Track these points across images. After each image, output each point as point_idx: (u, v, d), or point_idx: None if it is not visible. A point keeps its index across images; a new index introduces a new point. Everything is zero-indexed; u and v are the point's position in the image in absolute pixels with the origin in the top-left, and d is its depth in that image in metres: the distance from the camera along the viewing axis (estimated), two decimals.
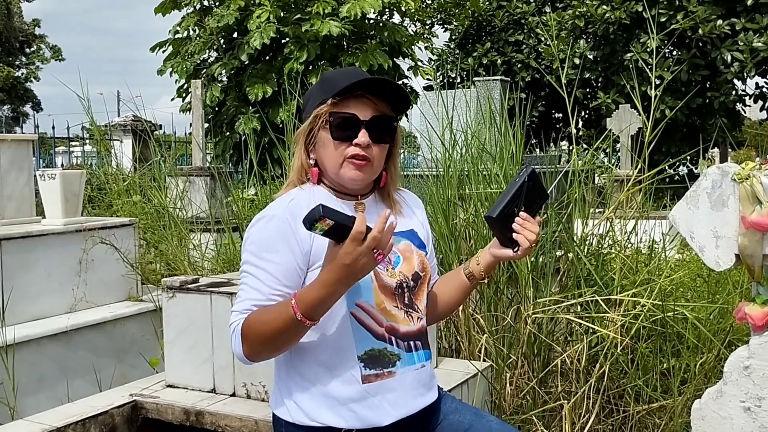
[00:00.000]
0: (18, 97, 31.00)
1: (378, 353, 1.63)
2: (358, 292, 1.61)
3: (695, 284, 3.44)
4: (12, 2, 28.88)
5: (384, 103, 1.67)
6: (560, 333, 3.19)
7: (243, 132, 10.59)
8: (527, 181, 1.72)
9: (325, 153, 1.66)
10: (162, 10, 11.71)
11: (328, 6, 10.53)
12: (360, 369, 1.62)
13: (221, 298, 2.76)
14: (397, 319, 1.66)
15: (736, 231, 1.88)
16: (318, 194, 1.68)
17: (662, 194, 4.49)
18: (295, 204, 1.64)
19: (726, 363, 1.97)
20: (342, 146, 1.63)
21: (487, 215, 1.72)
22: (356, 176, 1.65)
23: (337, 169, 1.65)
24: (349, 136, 1.63)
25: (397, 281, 1.68)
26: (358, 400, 1.62)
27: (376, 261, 1.46)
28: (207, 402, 2.69)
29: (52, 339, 3.80)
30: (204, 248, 4.67)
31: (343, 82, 1.63)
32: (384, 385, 1.64)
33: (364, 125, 1.63)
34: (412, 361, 1.68)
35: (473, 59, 15.26)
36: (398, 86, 1.68)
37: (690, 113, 12.86)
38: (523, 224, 1.71)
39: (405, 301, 1.69)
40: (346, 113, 1.63)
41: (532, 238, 1.70)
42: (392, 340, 1.65)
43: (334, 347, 1.62)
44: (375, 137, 1.64)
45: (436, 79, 12.13)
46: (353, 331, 1.62)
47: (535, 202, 1.75)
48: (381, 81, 1.65)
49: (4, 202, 4.22)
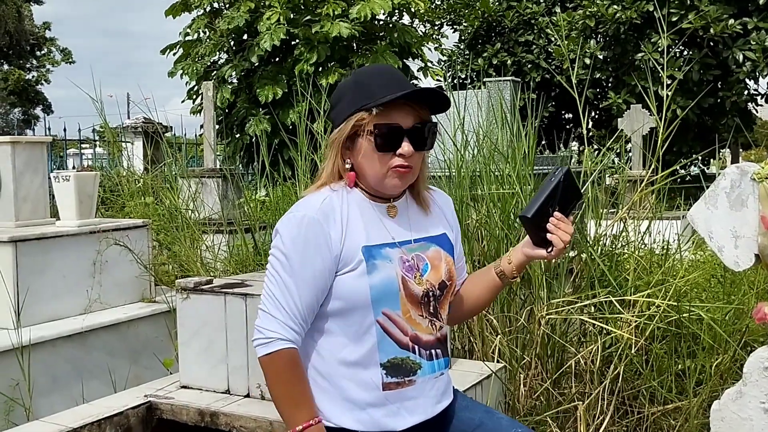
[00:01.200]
0: (29, 99, 31.19)
1: (401, 362, 1.63)
2: (385, 300, 1.61)
3: (710, 285, 3.41)
4: (23, 6, 29.06)
5: (423, 108, 1.66)
6: (574, 334, 3.18)
7: (254, 133, 10.61)
8: (563, 180, 1.69)
9: (366, 161, 1.65)
10: (172, 13, 11.76)
11: (338, 7, 10.55)
12: (381, 376, 1.62)
13: (235, 299, 2.76)
14: (421, 328, 1.66)
15: (755, 231, 1.87)
16: (353, 198, 1.68)
17: (675, 194, 4.47)
18: (328, 205, 1.63)
19: (745, 364, 1.95)
20: (387, 156, 1.63)
21: (522, 214, 1.69)
22: (399, 185, 1.66)
23: (381, 178, 1.64)
24: (393, 146, 1.62)
25: (424, 290, 1.67)
26: (377, 406, 1.62)
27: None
28: (221, 403, 2.70)
29: (67, 340, 3.82)
30: (217, 249, 4.68)
31: (382, 90, 1.61)
32: (404, 393, 1.64)
33: (406, 134, 1.62)
34: (432, 370, 1.68)
35: (483, 60, 15.24)
36: (441, 94, 1.66)
37: (702, 113, 12.80)
38: (557, 224, 1.68)
39: (430, 310, 1.68)
40: (390, 124, 1.61)
41: (566, 239, 1.67)
42: (415, 349, 1.65)
43: (358, 352, 1.62)
44: (417, 145, 1.64)
45: (446, 80, 12.12)
46: (378, 338, 1.62)
47: (569, 202, 1.71)
48: (425, 91, 1.63)
49: (19, 204, 4.24)
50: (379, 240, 1.65)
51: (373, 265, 1.61)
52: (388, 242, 1.66)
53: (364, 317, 1.60)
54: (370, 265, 1.60)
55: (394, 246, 1.66)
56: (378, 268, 1.61)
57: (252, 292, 2.73)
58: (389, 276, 1.62)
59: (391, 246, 1.66)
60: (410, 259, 1.67)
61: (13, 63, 30.48)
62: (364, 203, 1.68)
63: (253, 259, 4.36)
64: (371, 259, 1.61)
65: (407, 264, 1.65)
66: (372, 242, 1.64)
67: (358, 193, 1.69)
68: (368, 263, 1.60)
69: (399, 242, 1.67)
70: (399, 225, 1.70)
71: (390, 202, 1.72)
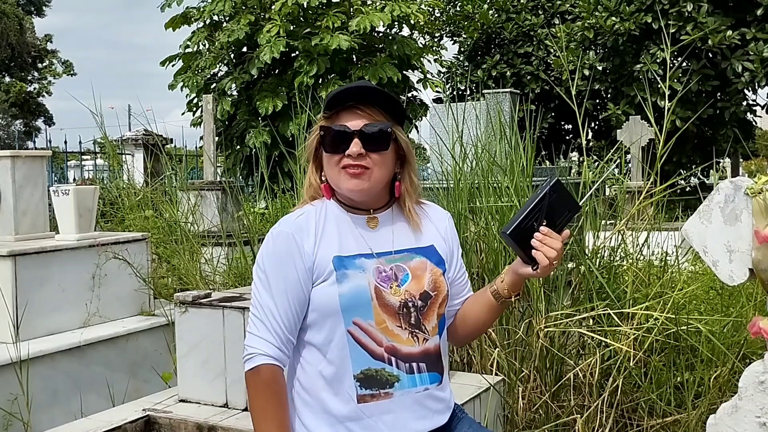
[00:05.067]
0: (30, 111, 31.28)
1: (375, 373, 1.61)
2: (355, 310, 1.61)
3: (708, 297, 3.41)
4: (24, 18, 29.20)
5: (379, 111, 1.67)
6: (572, 346, 3.18)
7: (253, 145, 10.65)
8: (549, 193, 1.62)
9: (326, 169, 1.69)
10: (172, 25, 11.82)
11: (338, 20, 10.60)
12: (356, 388, 1.60)
13: (233, 312, 2.76)
14: (400, 339, 1.63)
15: (749, 245, 1.87)
16: (329, 209, 1.70)
17: (674, 206, 4.47)
18: (303, 219, 1.67)
19: (741, 378, 1.95)
20: (336, 158, 1.65)
21: (502, 231, 1.63)
22: (354, 186, 1.65)
23: (337, 181, 1.67)
24: (342, 148, 1.64)
25: (402, 300, 1.65)
26: (354, 420, 1.61)
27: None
28: (220, 417, 2.70)
29: (66, 354, 3.81)
30: (216, 262, 4.69)
31: (335, 98, 1.65)
32: (380, 406, 1.61)
33: (356, 135, 1.63)
34: (413, 384, 1.63)
35: (482, 71, 15.28)
36: (381, 91, 1.68)
37: (701, 123, 12.81)
38: (542, 240, 1.61)
39: (411, 321, 1.65)
40: (335, 126, 1.65)
41: (552, 255, 1.60)
42: (392, 360, 1.62)
43: (335, 364, 1.62)
44: (369, 146, 1.64)
45: (445, 91, 12.16)
46: (350, 349, 1.61)
47: (561, 215, 1.63)
48: (363, 89, 1.66)
49: (19, 217, 4.25)
50: (354, 251, 1.66)
51: (343, 275, 1.62)
52: (364, 253, 1.67)
53: (336, 327, 1.61)
54: (340, 275, 1.62)
55: (370, 257, 1.66)
56: (348, 278, 1.62)
57: (250, 305, 2.73)
58: (359, 285, 1.62)
59: (368, 257, 1.66)
60: (387, 270, 1.66)
61: (14, 75, 30.61)
62: (341, 215, 1.70)
63: (251, 273, 4.36)
64: (342, 269, 1.63)
65: (383, 274, 1.65)
66: (345, 252, 1.65)
67: (334, 205, 1.72)
68: (338, 272, 1.62)
69: (377, 253, 1.68)
70: (379, 236, 1.71)
71: (370, 213, 1.72)
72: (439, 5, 15.53)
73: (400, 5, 11.03)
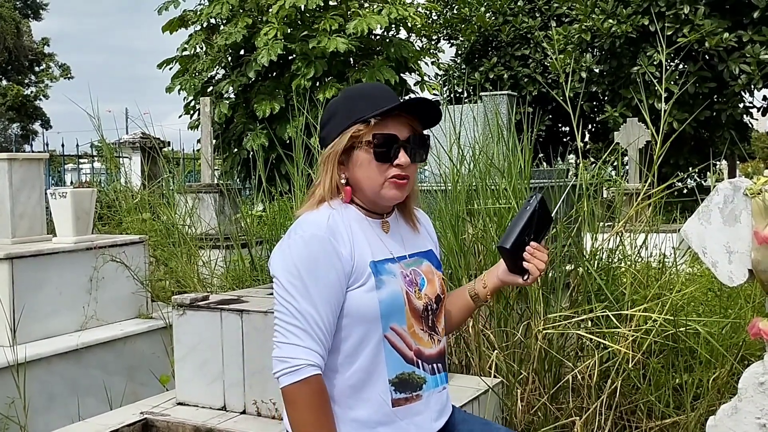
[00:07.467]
0: (27, 115, 31.26)
1: (408, 377, 1.63)
2: (393, 315, 1.61)
3: (707, 298, 3.41)
4: (21, 22, 29.18)
5: (417, 121, 1.67)
6: (571, 348, 3.17)
7: (251, 148, 10.63)
8: (538, 208, 1.74)
9: (362, 173, 1.64)
10: (170, 29, 11.80)
11: (335, 23, 10.59)
12: (391, 393, 1.61)
13: (231, 315, 2.76)
14: (423, 342, 1.67)
15: (749, 246, 1.87)
16: (351, 214, 1.68)
17: (671, 207, 4.47)
18: (333, 222, 1.63)
19: (741, 379, 1.95)
20: (384, 167, 1.63)
21: (500, 246, 1.74)
22: (396, 196, 1.66)
23: (378, 189, 1.64)
24: (390, 156, 1.62)
25: (424, 304, 1.68)
26: (387, 424, 1.61)
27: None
28: (217, 420, 2.69)
29: (63, 357, 3.80)
30: (213, 265, 4.68)
31: (376, 102, 1.62)
32: (412, 408, 1.64)
33: (402, 145, 1.63)
34: (435, 384, 1.69)
35: (480, 74, 15.30)
36: (436, 105, 1.67)
37: (698, 126, 12.83)
38: (533, 253, 1.73)
39: (429, 324, 1.69)
40: (388, 134, 1.62)
41: (542, 267, 1.73)
42: (419, 363, 1.66)
43: (366, 370, 1.60)
44: (413, 157, 1.65)
45: (442, 94, 12.16)
46: (386, 354, 1.61)
47: (542, 229, 1.77)
48: (422, 101, 1.65)
49: (16, 220, 4.24)
50: (381, 255, 1.66)
51: (380, 280, 1.60)
52: (389, 257, 1.67)
53: (373, 333, 1.59)
54: (378, 280, 1.60)
55: (394, 261, 1.67)
56: (385, 283, 1.61)
57: (248, 308, 2.73)
58: (395, 291, 1.62)
59: (392, 261, 1.66)
60: (409, 274, 1.68)
61: (11, 78, 30.60)
62: (363, 219, 1.69)
63: (249, 275, 4.35)
64: (378, 274, 1.61)
65: (407, 279, 1.66)
66: (377, 257, 1.64)
67: (354, 209, 1.69)
68: (376, 278, 1.60)
69: (397, 257, 1.68)
70: (394, 241, 1.71)
71: (383, 218, 1.73)
72: (436, 8, 15.55)
73: (398, 8, 11.02)
